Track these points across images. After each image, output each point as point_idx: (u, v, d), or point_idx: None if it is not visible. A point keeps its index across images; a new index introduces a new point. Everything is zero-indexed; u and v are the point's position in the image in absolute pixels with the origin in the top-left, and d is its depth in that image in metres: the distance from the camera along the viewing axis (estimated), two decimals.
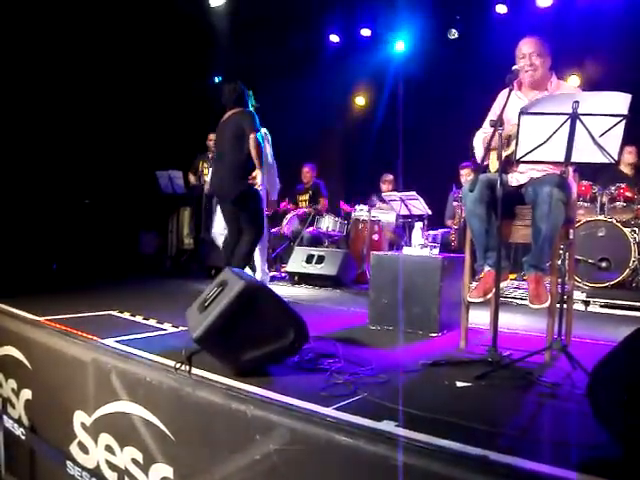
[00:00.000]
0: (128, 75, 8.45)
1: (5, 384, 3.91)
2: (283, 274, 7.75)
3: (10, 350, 3.85)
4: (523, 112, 2.88)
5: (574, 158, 2.86)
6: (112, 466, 2.96)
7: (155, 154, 6.48)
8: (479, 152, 3.78)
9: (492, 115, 3.81)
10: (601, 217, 6.31)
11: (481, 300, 3.48)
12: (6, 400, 3.86)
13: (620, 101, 2.78)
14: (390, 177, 8.81)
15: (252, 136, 5.18)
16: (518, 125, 2.91)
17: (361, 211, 7.89)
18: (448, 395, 2.62)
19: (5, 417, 3.70)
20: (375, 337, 3.90)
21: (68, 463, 3.21)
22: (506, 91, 3.51)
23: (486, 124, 3.83)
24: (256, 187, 5.29)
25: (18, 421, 3.71)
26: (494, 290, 3.28)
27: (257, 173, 5.23)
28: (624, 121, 2.78)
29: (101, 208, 8.24)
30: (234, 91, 5.49)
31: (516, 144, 2.95)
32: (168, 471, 2.62)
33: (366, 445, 1.94)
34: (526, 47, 3.58)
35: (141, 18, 8.57)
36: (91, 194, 7.06)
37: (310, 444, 2.10)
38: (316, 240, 8.24)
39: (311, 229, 8.31)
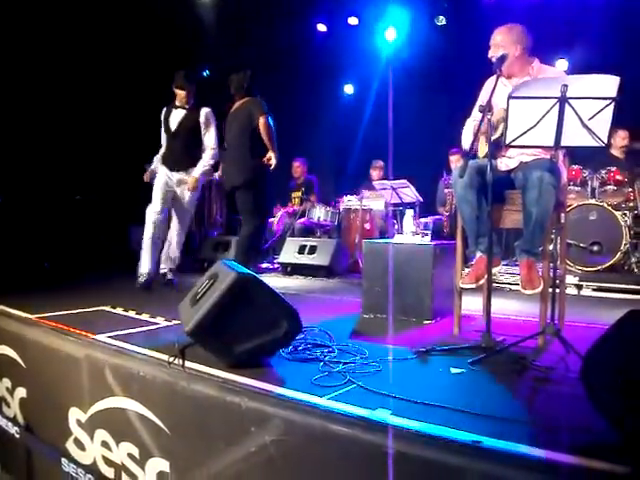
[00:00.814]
0: (116, 70, 8.40)
1: None
2: (276, 265, 7.74)
3: (4, 349, 3.83)
4: (512, 96, 2.87)
5: (564, 142, 2.86)
6: (108, 462, 2.96)
7: (144, 148, 6.45)
8: (466, 140, 3.77)
9: (480, 102, 3.81)
10: (592, 201, 6.32)
11: (473, 286, 3.49)
12: (0, 399, 3.85)
13: (609, 84, 2.77)
14: (380, 163, 8.80)
15: (262, 120, 5.24)
16: (507, 109, 2.90)
17: (350, 201, 7.88)
18: (442, 382, 2.62)
19: None
20: (368, 325, 3.91)
21: (63, 460, 3.20)
22: (493, 78, 3.52)
23: (475, 112, 3.83)
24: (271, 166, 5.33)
25: (13, 420, 3.70)
26: (486, 276, 3.29)
27: (271, 154, 5.28)
28: (613, 104, 2.78)
29: (92, 204, 8.20)
30: (244, 80, 5.50)
31: (505, 128, 2.94)
32: (164, 465, 2.62)
33: (361, 434, 1.95)
34: (499, 36, 3.59)
35: (128, 13, 8.52)
36: (82, 190, 7.04)
37: (305, 434, 2.10)
38: (308, 230, 8.24)
39: (303, 220, 8.31)
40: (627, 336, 1.85)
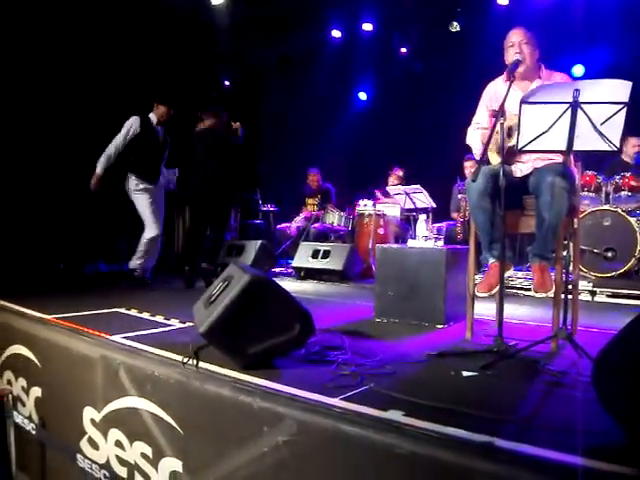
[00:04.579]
0: (132, 76, 8.47)
1: (15, 382, 3.93)
2: (289, 269, 7.76)
3: (19, 349, 3.88)
4: (524, 101, 2.88)
5: (576, 147, 2.86)
6: (122, 461, 2.98)
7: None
8: (476, 148, 3.79)
9: (482, 110, 3.83)
10: (606, 207, 6.29)
11: (487, 295, 3.49)
12: (16, 398, 3.89)
13: (621, 89, 2.78)
14: (400, 173, 8.75)
15: None
16: (519, 114, 2.91)
17: (365, 206, 7.89)
18: (454, 385, 2.62)
19: (15, 413, 3.73)
20: (381, 329, 3.92)
21: (78, 456, 3.24)
22: (497, 82, 3.59)
23: (477, 119, 3.85)
24: None
25: (28, 418, 3.74)
26: (499, 282, 3.29)
27: None
28: (625, 109, 2.78)
29: (107, 207, 8.24)
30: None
31: (518, 134, 2.95)
32: (177, 465, 2.64)
33: (373, 434, 1.96)
34: (515, 36, 3.60)
35: (142, 20, 8.63)
36: (98, 193, 7.08)
37: (317, 434, 2.11)
38: (322, 235, 8.26)
39: (317, 224, 8.33)
40: (637, 339, 1.86)
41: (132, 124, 6.26)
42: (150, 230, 6.29)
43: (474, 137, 3.82)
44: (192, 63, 9.65)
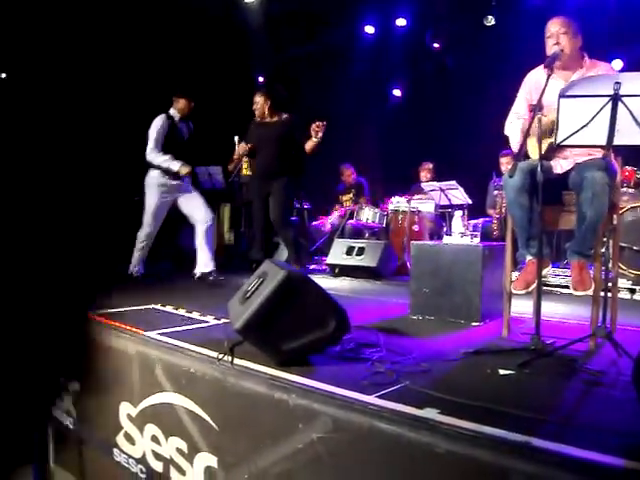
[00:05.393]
0: (167, 74, 8.55)
1: None
2: (324, 266, 7.75)
3: None
4: (562, 95, 2.83)
5: (616, 141, 2.80)
6: (158, 456, 3.02)
7: (194, 151, 6.57)
8: (515, 141, 3.70)
9: (522, 100, 3.75)
10: None
11: (523, 292, 3.44)
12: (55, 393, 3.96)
13: None
14: (430, 165, 8.70)
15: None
16: (558, 109, 2.85)
17: (398, 203, 7.84)
18: (491, 383, 2.59)
19: (53, 407, 3.79)
20: (416, 327, 3.89)
21: (115, 451, 3.28)
22: (536, 72, 3.50)
23: (516, 108, 3.77)
24: None
25: (67, 412, 3.80)
26: (536, 279, 3.24)
27: None
28: None
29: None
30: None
31: (556, 128, 2.90)
32: (212, 460, 2.66)
33: (408, 432, 1.95)
34: (553, 26, 3.52)
35: (176, 20, 8.71)
36: (138, 191, 7.16)
37: (352, 432, 2.11)
38: (356, 232, 8.23)
39: (351, 220, 8.31)
40: None
41: (162, 124, 6.22)
42: (143, 228, 6.32)
43: (513, 128, 3.74)
44: (226, 60, 9.71)
